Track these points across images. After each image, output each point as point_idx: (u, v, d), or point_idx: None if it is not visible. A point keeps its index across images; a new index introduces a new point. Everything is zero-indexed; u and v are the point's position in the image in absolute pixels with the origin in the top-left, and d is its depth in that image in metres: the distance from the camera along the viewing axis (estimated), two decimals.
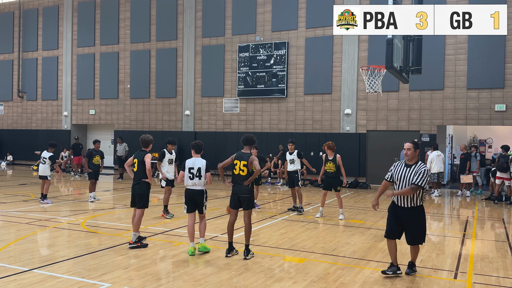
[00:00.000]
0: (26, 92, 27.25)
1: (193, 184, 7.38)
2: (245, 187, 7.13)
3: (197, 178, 7.37)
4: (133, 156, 8.13)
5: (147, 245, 7.77)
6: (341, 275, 6.33)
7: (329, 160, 11.05)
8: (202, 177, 7.39)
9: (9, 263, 6.65)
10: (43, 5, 26.77)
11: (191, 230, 7.43)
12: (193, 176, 7.39)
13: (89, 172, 13.28)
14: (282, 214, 11.38)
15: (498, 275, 6.55)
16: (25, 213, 10.82)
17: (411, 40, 10.90)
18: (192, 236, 7.40)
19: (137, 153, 8.11)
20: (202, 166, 7.42)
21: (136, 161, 7.98)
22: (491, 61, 17.11)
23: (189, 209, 7.48)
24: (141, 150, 8.13)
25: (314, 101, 19.95)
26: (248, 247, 7.17)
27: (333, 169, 10.99)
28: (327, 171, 11.10)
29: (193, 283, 5.90)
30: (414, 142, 6.41)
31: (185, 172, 7.47)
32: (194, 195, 7.39)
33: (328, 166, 11.04)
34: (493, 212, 12.70)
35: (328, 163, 11.04)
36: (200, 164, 7.43)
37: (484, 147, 20.64)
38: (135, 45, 23.91)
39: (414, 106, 18.32)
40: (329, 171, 11.06)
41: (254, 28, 21.04)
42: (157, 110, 23.42)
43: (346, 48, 19.28)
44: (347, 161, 17.92)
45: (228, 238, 7.31)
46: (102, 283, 5.78)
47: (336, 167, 10.95)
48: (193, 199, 7.41)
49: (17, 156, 27.07)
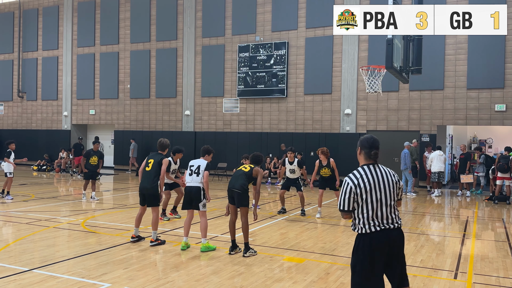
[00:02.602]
0: (26, 92, 27.24)
1: (191, 180, 7.52)
2: (240, 181, 7.29)
3: (195, 175, 7.53)
4: (148, 157, 8.18)
5: (165, 241, 7.99)
6: (341, 275, 6.33)
7: (323, 166, 11.05)
8: (200, 174, 7.51)
9: (9, 263, 6.65)
10: (43, 5, 26.76)
11: (186, 225, 7.67)
12: (191, 173, 7.56)
13: (85, 172, 13.30)
14: (282, 214, 11.39)
15: (498, 275, 6.54)
16: (25, 213, 10.82)
17: (411, 40, 10.90)
18: (186, 231, 7.63)
19: (154, 155, 8.15)
20: (202, 164, 7.59)
21: (152, 161, 8.02)
22: (491, 61, 17.11)
23: (185, 206, 7.64)
24: (158, 152, 8.22)
25: (314, 101, 19.95)
26: (247, 245, 7.25)
27: (328, 173, 11.08)
28: (323, 176, 11.17)
29: (193, 283, 5.90)
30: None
31: (187, 170, 7.67)
32: (190, 192, 7.51)
33: (324, 172, 11.09)
34: (493, 212, 12.70)
35: (323, 169, 11.07)
36: (201, 163, 7.62)
37: (484, 147, 20.62)
38: (135, 45, 23.91)
39: (414, 106, 18.31)
40: (324, 176, 11.14)
41: (254, 28, 21.04)
42: (157, 110, 23.41)
43: (346, 48, 19.28)
44: (347, 161, 17.96)
45: (231, 236, 7.45)
46: (102, 283, 5.78)
47: (331, 171, 11.04)
48: (189, 196, 7.51)
49: (17, 156, 26.84)
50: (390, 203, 3.95)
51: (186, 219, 7.76)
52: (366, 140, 4.05)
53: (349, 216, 4.02)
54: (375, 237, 3.87)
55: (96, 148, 13.64)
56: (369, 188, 3.89)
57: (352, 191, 3.89)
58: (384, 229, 3.90)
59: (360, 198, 3.89)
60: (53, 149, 24.97)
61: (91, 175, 13.21)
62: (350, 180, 3.93)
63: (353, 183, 3.90)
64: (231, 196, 7.40)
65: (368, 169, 3.96)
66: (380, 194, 3.91)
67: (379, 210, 3.90)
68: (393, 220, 3.95)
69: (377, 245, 3.86)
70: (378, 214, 3.90)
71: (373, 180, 3.92)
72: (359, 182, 3.89)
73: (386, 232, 3.90)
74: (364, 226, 3.89)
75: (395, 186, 4.02)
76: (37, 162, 24.78)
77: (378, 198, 3.90)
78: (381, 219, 3.91)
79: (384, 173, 4.00)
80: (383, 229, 3.90)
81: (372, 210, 3.89)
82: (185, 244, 7.57)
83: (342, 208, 3.95)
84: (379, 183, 3.93)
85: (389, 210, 3.94)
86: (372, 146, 4.01)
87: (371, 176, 3.93)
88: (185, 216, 10.32)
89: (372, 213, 3.89)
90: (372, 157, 3.99)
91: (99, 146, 14.08)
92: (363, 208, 3.90)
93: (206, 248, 7.46)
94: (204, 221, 7.53)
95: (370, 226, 3.89)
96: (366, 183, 3.89)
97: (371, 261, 3.84)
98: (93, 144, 13.77)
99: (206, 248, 7.46)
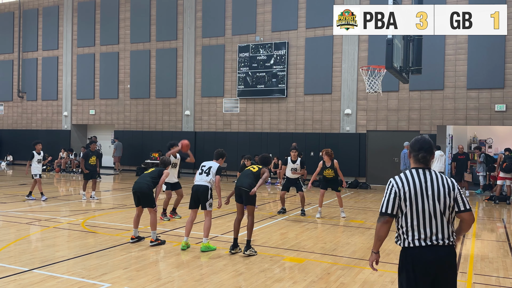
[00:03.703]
0: (26, 92, 27.24)
1: (200, 179, 7.59)
2: (249, 180, 7.42)
3: (204, 175, 7.61)
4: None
5: (165, 241, 8.01)
6: (341, 275, 6.33)
7: (327, 167, 11.03)
8: (210, 174, 7.60)
9: (9, 263, 6.65)
10: (43, 5, 26.76)
11: (188, 225, 7.65)
12: (202, 172, 7.64)
13: (85, 173, 13.29)
14: (282, 214, 11.39)
15: (498, 275, 6.54)
16: (25, 213, 10.82)
17: (411, 40, 10.89)
18: (187, 231, 7.63)
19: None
20: (214, 166, 7.69)
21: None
22: (491, 61, 17.11)
23: (191, 205, 7.68)
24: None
25: (314, 101, 19.95)
26: (249, 242, 7.29)
27: (332, 175, 11.05)
28: (326, 177, 11.12)
29: (193, 283, 5.90)
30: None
31: (198, 170, 7.81)
32: (197, 191, 7.55)
33: (327, 173, 11.05)
34: (493, 212, 12.70)
35: (326, 170, 11.04)
36: (213, 165, 7.73)
37: (484, 147, 20.62)
38: (135, 45, 23.91)
39: (414, 106, 18.32)
40: (328, 177, 11.09)
41: (254, 28, 21.04)
42: (157, 110, 23.41)
43: (346, 48, 19.28)
44: (347, 161, 17.99)
45: (234, 235, 7.48)
46: (102, 283, 5.78)
47: (334, 172, 11.03)
48: (196, 195, 7.56)
49: (17, 156, 27.04)
50: (441, 214, 3.40)
51: (188, 218, 7.74)
52: (415, 141, 3.62)
53: (387, 227, 3.52)
54: (419, 254, 3.38)
55: (93, 148, 13.73)
56: (413, 194, 3.43)
57: (397, 195, 3.47)
58: (430, 246, 3.37)
59: (404, 204, 3.44)
60: (53, 149, 24.97)
61: (91, 175, 13.30)
62: (395, 182, 3.53)
63: (397, 186, 3.48)
64: (238, 195, 7.47)
65: (416, 173, 3.50)
66: (427, 203, 3.40)
67: (426, 222, 3.39)
68: (443, 236, 3.39)
69: (420, 264, 3.37)
70: (426, 226, 3.39)
71: (419, 186, 3.44)
72: (403, 185, 3.46)
73: (433, 249, 3.37)
74: (407, 238, 3.43)
75: (448, 196, 3.43)
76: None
77: (424, 208, 3.40)
78: (429, 233, 3.38)
79: (435, 180, 3.47)
80: (429, 245, 3.37)
81: (417, 221, 3.40)
82: (185, 244, 7.57)
83: (385, 211, 3.48)
84: (426, 191, 3.43)
85: (439, 224, 3.40)
86: (420, 148, 3.55)
87: (418, 181, 3.45)
88: (185, 216, 10.33)
89: (418, 224, 3.40)
90: (421, 161, 3.54)
91: (96, 146, 14.19)
92: (407, 216, 3.43)
93: (206, 248, 7.45)
94: (208, 220, 7.56)
95: (414, 239, 3.40)
96: (412, 188, 3.44)
97: (415, 282, 3.37)
98: (90, 145, 13.86)
99: (206, 248, 7.45)
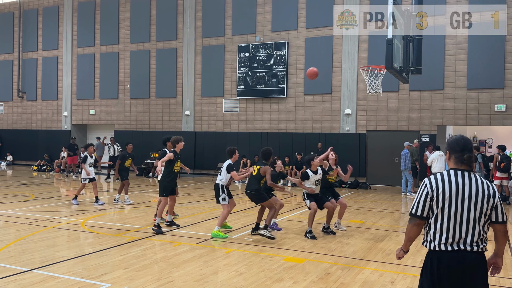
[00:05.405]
0: (26, 92, 27.25)
1: (217, 179, 8.50)
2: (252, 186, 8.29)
3: (219, 174, 8.58)
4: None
5: (163, 232, 8.72)
6: (341, 275, 6.32)
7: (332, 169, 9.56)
8: (221, 174, 8.50)
9: (9, 263, 6.65)
10: (43, 5, 26.77)
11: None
12: (220, 173, 8.60)
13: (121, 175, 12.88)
14: (282, 214, 11.38)
15: (498, 275, 6.53)
16: (25, 213, 10.82)
17: (411, 40, 10.91)
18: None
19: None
20: (224, 165, 8.53)
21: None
22: (491, 61, 17.11)
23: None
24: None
25: (314, 101, 19.95)
26: (266, 226, 8.19)
27: (334, 179, 9.69)
28: (329, 182, 9.58)
29: (193, 283, 5.90)
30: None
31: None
32: (214, 188, 8.57)
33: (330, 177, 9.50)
34: None
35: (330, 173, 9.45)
36: (224, 164, 8.57)
37: (484, 147, 20.62)
38: (135, 45, 23.91)
39: (414, 106, 18.32)
40: (331, 181, 9.64)
41: (254, 28, 21.05)
42: (157, 110, 23.42)
43: (346, 48, 19.28)
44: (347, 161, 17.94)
45: (257, 220, 8.63)
46: (102, 283, 5.78)
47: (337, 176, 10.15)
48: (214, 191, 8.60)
49: (17, 156, 27.06)
50: (474, 220, 3.21)
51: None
52: (456, 142, 3.38)
53: (417, 229, 3.36)
54: (445, 258, 3.21)
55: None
56: (448, 196, 3.22)
57: (428, 195, 3.28)
58: (458, 250, 3.20)
59: (436, 205, 3.25)
60: (53, 149, 24.98)
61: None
62: (429, 182, 3.33)
63: (431, 186, 3.29)
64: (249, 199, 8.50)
65: (454, 175, 3.29)
66: (461, 207, 3.21)
67: (457, 225, 3.20)
68: (473, 241, 3.20)
69: (445, 269, 3.19)
70: (456, 230, 3.20)
71: (455, 189, 3.23)
72: (438, 186, 3.27)
73: (461, 254, 3.20)
74: (434, 240, 3.26)
75: (486, 203, 3.23)
76: (37, 162, 24.81)
77: (457, 212, 3.21)
78: (457, 237, 3.21)
79: (475, 184, 3.25)
80: (457, 250, 3.20)
81: (447, 223, 3.22)
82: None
83: (414, 213, 3.31)
84: (463, 194, 3.22)
85: (470, 228, 3.20)
86: (464, 149, 3.33)
87: (455, 182, 3.25)
88: (185, 216, 10.35)
89: (447, 227, 3.22)
90: (466, 162, 3.32)
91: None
92: (437, 218, 3.26)
93: (216, 235, 8.25)
94: (224, 211, 8.39)
95: (440, 243, 3.24)
96: (447, 189, 3.24)
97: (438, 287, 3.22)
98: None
99: (216, 235, 8.25)
